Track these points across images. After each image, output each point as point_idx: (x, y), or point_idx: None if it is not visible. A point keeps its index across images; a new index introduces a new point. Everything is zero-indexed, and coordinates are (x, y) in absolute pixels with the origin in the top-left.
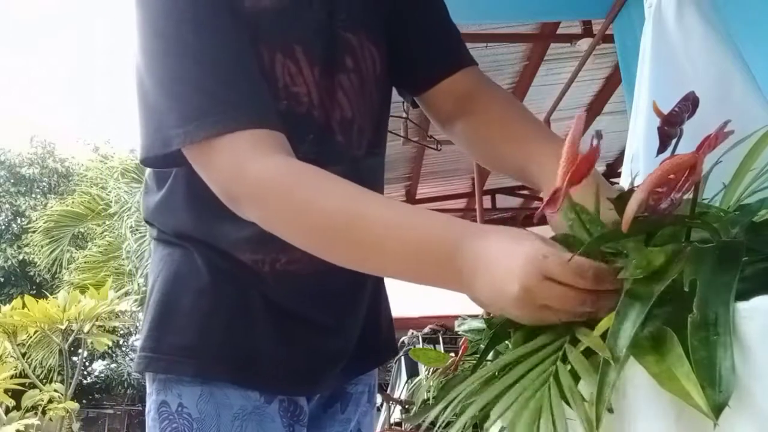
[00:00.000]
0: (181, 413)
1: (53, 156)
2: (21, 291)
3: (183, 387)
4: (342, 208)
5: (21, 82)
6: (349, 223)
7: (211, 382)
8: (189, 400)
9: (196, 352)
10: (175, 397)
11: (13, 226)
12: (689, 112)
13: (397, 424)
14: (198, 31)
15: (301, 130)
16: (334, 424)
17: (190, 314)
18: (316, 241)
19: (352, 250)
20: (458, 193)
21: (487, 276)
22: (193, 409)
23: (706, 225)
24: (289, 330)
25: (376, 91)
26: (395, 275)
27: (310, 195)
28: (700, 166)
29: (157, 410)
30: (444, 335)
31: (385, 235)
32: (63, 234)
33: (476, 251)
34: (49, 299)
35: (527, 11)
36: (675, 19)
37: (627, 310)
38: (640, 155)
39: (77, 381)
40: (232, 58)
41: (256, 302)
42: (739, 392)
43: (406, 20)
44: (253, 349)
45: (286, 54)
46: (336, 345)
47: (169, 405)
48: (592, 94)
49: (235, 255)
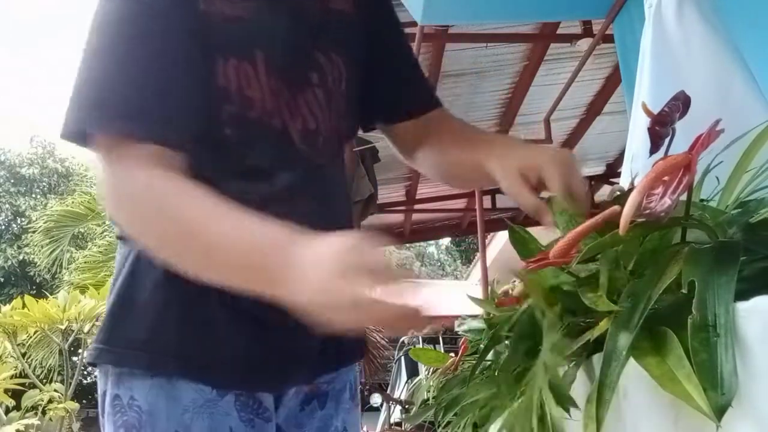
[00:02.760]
0: (131, 406)
1: (53, 156)
2: (21, 291)
3: (134, 380)
4: (184, 219)
5: (21, 82)
6: (188, 234)
7: (161, 375)
8: (139, 393)
9: (148, 345)
10: (127, 390)
11: (13, 226)
12: (680, 112)
13: (397, 424)
14: (137, 33)
15: (253, 135)
16: (313, 422)
17: (145, 308)
18: (161, 247)
19: (194, 259)
20: (458, 193)
21: (305, 279)
22: (143, 401)
23: (703, 225)
24: (245, 327)
25: (345, 105)
26: (228, 281)
27: (162, 205)
28: (694, 165)
29: (111, 403)
30: (444, 335)
31: (218, 243)
32: (63, 234)
33: (297, 258)
34: (49, 299)
35: (527, 11)
36: (675, 19)
37: (626, 311)
38: (640, 155)
39: (77, 381)
40: (163, 66)
41: (212, 298)
42: (739, 392)
43: (387, 52)
44: (207, 343)
45: (245, 58)
46: (298, 343)
47: (121, 398)
48: (592, 94)
49: None
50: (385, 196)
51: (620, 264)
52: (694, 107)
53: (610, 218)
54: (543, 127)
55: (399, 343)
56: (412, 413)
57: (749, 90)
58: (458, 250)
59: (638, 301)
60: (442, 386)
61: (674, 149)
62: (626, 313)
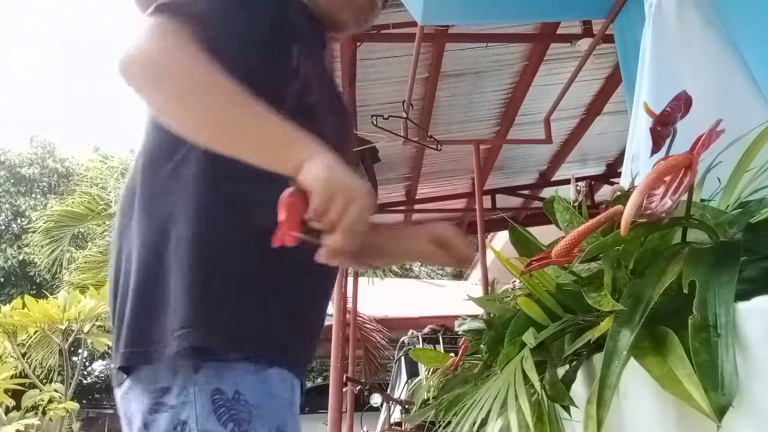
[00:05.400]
0: (239, 400)
1: (53, 156)
2: (21, 291)
3: (236, 373)
4: (222, 89)
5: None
6: (223, 99)
7: (260, 365)
8: (245, 387)
9: (254, 336)
10: (232, 384)
11: (13, 226)
12: (682, 112)
13: (397, 424)
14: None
15: (307, 111)
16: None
17: (243, 300)
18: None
19: (231, 125)
20: (458, 193)
21: (330, 163)
22: (250, 395)
23: (704, 225)
24: (297, 317)
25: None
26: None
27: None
28: (695, 166)
29: (211, 399)
30: (444, 335)
31: (252, 115)
32: (63, 234)
33: (315, 148)
34: (49, 299)
35: (527, 11)
36: (675, 19)
37: (627, 311)
38: (640, 155)
39: (77, 381)
40: (245, 18)
41: (290, 288)
42: (740, 392)
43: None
44: (289, 329)
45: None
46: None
47: (226, 392)
48: (592, 94)
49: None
50: (385, 196)
51: (621, 264)
52: (694, 107)
53: (612, 218)
54: (543, 127)
55: (399, 343)
56: (412, 413)
57: (749, 90)
58: None
59: (639, 301)
60: (442, 386)
61: (674, 149)
62: (627, 312)
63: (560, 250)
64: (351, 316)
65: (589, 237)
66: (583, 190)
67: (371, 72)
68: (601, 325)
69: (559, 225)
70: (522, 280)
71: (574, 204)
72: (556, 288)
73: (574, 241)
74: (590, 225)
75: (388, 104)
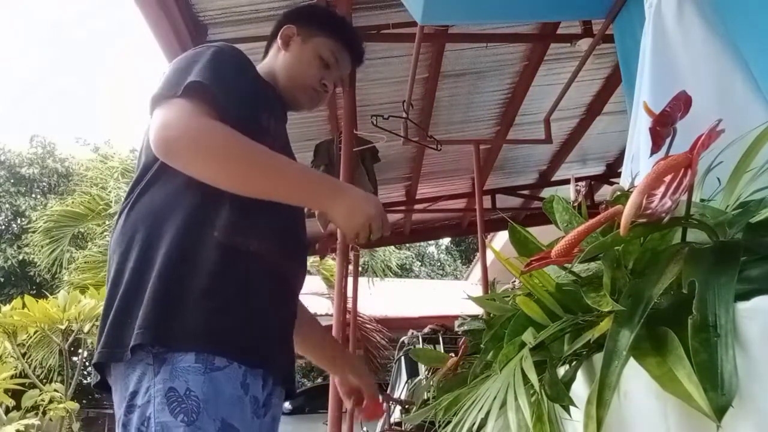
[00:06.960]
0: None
1: (53, 156)
2: (21, 291)
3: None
4: (257, 149)
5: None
6: (262, 157)
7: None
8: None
9: (234, 333)
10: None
11: (13, 226)
12: (681, 112)
13: (397, 424)
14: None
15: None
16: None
17: (231, 299)
18: (235, 169)
19: (262, 174)
20: (458, 193)
21: (348, 200)
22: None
23: (703, 225)
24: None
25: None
26: (288, 191)
27: (236, 140)
28: (695, 166)
29: (165, 396)
30: (444, 335)
31: (286, 166)
32: (63, 234)
33: (343, 186)
34: (49, 299)
35: (527, 11)
36: (675, 19)
37: (627, 311)
38: (640, 155)
39: (77, 381)
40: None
41: (263, 289)
42: (740, 392)
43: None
44: (260, 331)
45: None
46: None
47: (178, 390)
48: (592, 94)
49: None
50: (385, 196)
51: (621, 264)
52: (694, 107)
53: (611, 218)
54: (543, 127)
55: (399, 343)
56: (412, 413)
57: (749, 90)
58: (458, 250)
59: (638, 301)
60: (442, 386)
61: (674, 149)
62: (626, 312)
63: (560, 250)
64: (351, 316)
65: (589, 237)
66: (582, 190)
67: (371, 72)
68: (600, 325)
69: (559, 225)
70: (522, 279)
71: (574, 204)
72: (555, 288)
73: (573, 241)
74: (590, 225)
75: (388, 104)
